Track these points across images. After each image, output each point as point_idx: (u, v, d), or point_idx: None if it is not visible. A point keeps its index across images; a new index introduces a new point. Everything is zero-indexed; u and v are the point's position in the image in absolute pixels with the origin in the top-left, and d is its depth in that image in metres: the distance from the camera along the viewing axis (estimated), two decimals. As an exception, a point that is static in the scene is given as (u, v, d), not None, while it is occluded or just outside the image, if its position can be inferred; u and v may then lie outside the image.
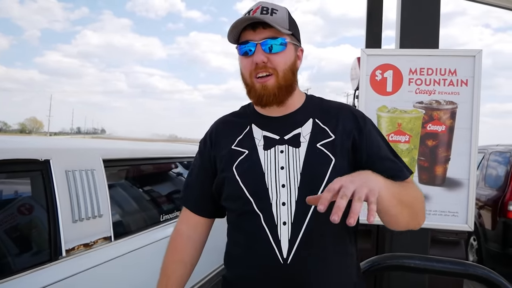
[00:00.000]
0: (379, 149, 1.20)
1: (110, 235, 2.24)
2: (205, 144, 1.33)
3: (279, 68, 1.17)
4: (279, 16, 1.17)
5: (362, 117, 1.24)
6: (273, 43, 1.15)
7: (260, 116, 1.26)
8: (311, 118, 1.22)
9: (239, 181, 1.18)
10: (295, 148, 1.16)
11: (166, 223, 2.86)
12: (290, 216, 1.12)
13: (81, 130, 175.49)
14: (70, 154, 2.15)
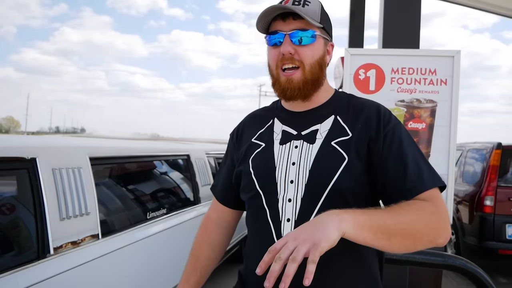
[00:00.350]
0: (394, 156, 1.08)
1: (98, 232, 2.25)
2: (232, 136, 1.33)
3: (306, 61, 1.12)
4: (311, 8, 1.13)
5: (387, 118, 1.14)
6: (302, 35, 1.11)
7: (284, 110, 1.24)
8: (333, 115, 1.17)
9: (252, 173, 1.16)
10: (310, 144, 1.12)
11: (153, 220, 2.88)
12: (295, 213, 1.08)
13: (60, 129, 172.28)
14: (57, 152, 2.15)
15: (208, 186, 4.03)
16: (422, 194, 1.03)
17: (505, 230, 4.64)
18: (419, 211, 0.99)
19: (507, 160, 4.96)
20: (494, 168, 4.88)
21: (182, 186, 3.69)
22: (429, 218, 1.00)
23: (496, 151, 4.94)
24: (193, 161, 3.85)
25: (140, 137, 79.27)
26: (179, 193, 3.63)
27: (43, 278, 1.83)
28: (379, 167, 1.08)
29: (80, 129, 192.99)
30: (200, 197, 3.76)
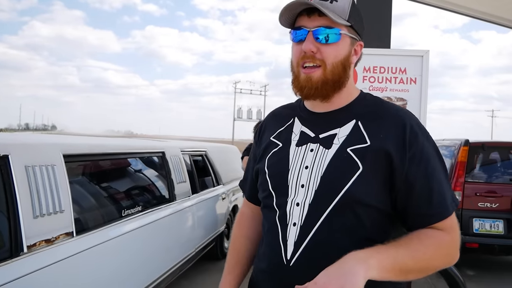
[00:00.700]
0: (421, 179, 1.02)
1: (72, 230, 2.23)
2: (255, 135, 1.32)
3: (328, 60, 1.06)
4: (340, 4, 1.06)
5: (414, 134, 1.04)
6: (327, 33, 1.05)
7: (305, 110, 1.18)
8: (354, 120, 1.09)
9: (266, 173, 1.14)
10: (325, 149, 1.07)
11: (128, 218, 2.86)
12: (301, 218, 1.05)
13: (29, 126, 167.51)
14: (30, 149, 2.12)
15: (183, 183, 4.03)
16: (443, 221, 1.02)
17: (472, 224, 4.81)
18: (437, 248, 0.99)
19: (474, 157, 5.14)
20: (461, 164, 5.05)
21: (157, 184, 3.68)
22: (445, 253, 1.01)
23: (463, 148, 5.12)
24: (168, 158, 3.84)
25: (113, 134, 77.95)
26: (154, 190, 3.62)
27: (17, 277, 1.81)
28: (402, 187, 1.02)
29: (51, 126, 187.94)
30: (175, 194, 3.76)
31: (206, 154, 5.31)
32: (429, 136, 1.08)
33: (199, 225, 4.28)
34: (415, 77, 2.90)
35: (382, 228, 1.05)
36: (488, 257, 5.65)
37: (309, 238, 1.03)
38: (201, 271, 4.78)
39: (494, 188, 4.91)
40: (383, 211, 1.04)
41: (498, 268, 5.55)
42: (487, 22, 9.87)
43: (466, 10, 8.87)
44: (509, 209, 4.78)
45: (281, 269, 1.06)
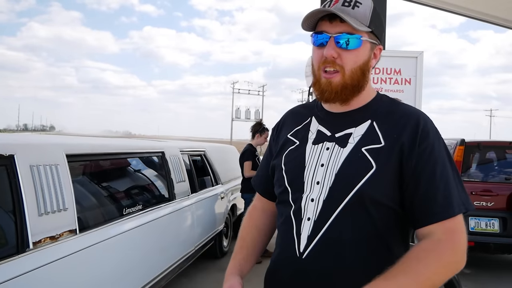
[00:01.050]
0: (427, 177, 1.05)
1: (75, 228, 2.29)
2: (273, 132, 1.34)
3: (347, 66, 1.09)
4: (361, 10, 1.09)
5: (425, 133, 1.07)
6: (348, 39, 1.08)
7: (322, 109, 1.22)
8: (369, 120, 1.13)
9: (283, 169, 1.18)
10: (340, 148, 1.11)
11: (129, 216, 2.92)
12: (315, 214, 1.09)
13: (28, 127, 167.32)
14: (34, 149, 2.18)
15: (183, 183, 4.09)
16: (446, 221, 1.01)
17: (468, 222, 4.89)
18: (438, 261, 0.98)
19: (469, 156, 5.21)
20: (457, 163, 5.12)
21: (157, 183, 3.74)
22: (448, 262, 0.99)
23: (459, 147, 5.19)
24: (168, 158, 3.90)
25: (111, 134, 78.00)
26: (154, 189, 3.68)
27: (23, 272, 1.87)
28: (410, 184, 1.05)
29: (49, 126, 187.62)
30: (175, 194, 3.82)
31: (205, 154, 5.37)
32: (441, 137, 1.10)
33: (198, 224, 4.34)
34: (410, 77, 2.97)
35: (390, 225, 1.08)
36: (485, 255, 5.71)
37: (322, 232, 1.07)
38: (201, 269, 4.84)
39: (490, 187, 4.98)
40: (392, 209, 1.07)
41: (494, 266, 5.62)
42: (483, 22, 9.96)
43: (462, 10, 8.95)
44: (505, 208, 4.85)
45: (294, 261, 1.10)
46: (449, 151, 1.10)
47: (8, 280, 1.79)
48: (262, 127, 5.46)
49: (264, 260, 5.07)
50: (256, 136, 5.42)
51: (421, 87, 3.00)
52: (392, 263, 1.02)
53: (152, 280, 3.12)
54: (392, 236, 1.08)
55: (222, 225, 5.27)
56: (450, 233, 1.01)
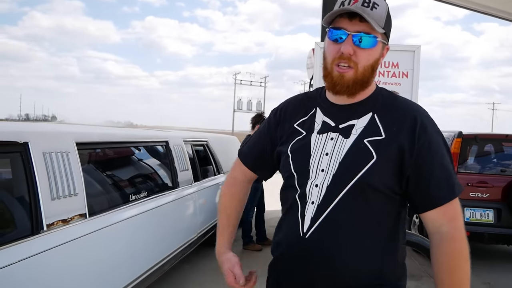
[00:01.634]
0: (428, 167, 1.16)
1: (85, 212, 2.41)
2: (274, 116, 1.40)
3: (361, 64, 1.17)
4: (379, 12, 1.15)
5: (424, 127, 1.17)
6: (365, 38, 1.15)
7: (327, 101, 1.29)
8: (371, 112, 1.22)
9: (290, 156, 1.27)
10: (344, 138, 1.20)
11: (135, 202, 3.05)
12: (319, 198, 1.18)
13: (29, 117, 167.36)
14: (47, 137, 2.30)
15: (186, 171, 4.21)
16: (448, 206, 1.15)
17: (464, 213, 5.00)
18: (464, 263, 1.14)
19: (466, 148, 5.31)
20: (454, 155, 5.22)
21: (161, 171, 3.86)
22: (467, 256, 1.15)
23: (457, 140, 5.28)
24: (172, 148, 4.02)
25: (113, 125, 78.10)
26: (159, 177, 3.80)
27: (38, 252, 1.99)
28: (412, 174, 1.16)
29: (51, 116, 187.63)
30: (178, 182, 3.94)
31: (207, 144, 5.48)
32: (438, 129, 1.21)
33: (200, 211, 4.47)
34: (407, 71, 3.07)
35: (386, 209, 1.19)
36: (479, 245, 5.84)
37: (324, 215, 1.17)
38: (203, 256, 4.98)
39: (485, 178, 5.09)
40: (389, 195, 1.17)
41: (488, 256, 5.75)
42: (486, 15, 9.99)
43: (465, 3, 8.99)
44: (499, 199, 4.97)
45: (297, 240, 1.20)
46: (446, 141, 1.21)
47: (24, 259, 1.92)
48: (263, 119, 5.56)
49: (264, 248, 5.22)
50: (256, 127, 5.52)
51: (418, 80, 3.10)
52: (384, 243, 1.19)
53: (157, 264, 3.25)
54: (387, 219, 1.20)
55: (223, 213, 5.39)
56: (453, 220, 1.15)
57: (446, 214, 1.16)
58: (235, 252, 1.39)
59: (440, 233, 1.16)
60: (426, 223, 1.20)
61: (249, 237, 5.37)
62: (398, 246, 1.24)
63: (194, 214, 4.29)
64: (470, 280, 1.14)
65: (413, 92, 3.07)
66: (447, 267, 1.14)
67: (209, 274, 4.43)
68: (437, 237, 1.17)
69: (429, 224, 1.19)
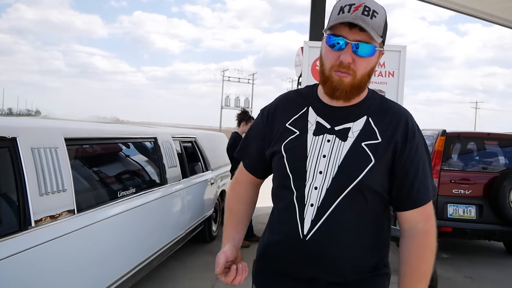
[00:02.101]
0: (413, 170, 1.23)
1: (73, 208, 2.41)
2: (263, 113, 1.40)
3: (359, 71, 1.19)
4: (378, 20, 1.17)
5: (413, 132, 1.25)
6: (364, 48, 1.17)
7: (319, 101, 1.30)
8: (365, 116, 1.26)
9: (284, 157, 1.27)
10: (341, 141, 1.23)
11: (123, 198, 3.05)
12: (318, 200, 1.21)
13: (12, 111, 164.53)
14: (35, 132, 2.29)
15: (174, 168, 4.21)
16: (425, 206, 1.24)
17: (447, 209, 5.10)
18: (432, 254, 1.24)
19: (450, 146, 5.41)
20: (438, 153, 5.32)
21: (150, 167, 3.86)
22: (433, 246, 1.24)
23: (440, 138, 5.38)
24: (160, 144, 4.02)
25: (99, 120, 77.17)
26: (147, 173, 3.80)
27: (26, 248, 1.99)
28: (398, 176, 1.23)
29: (34, 111, 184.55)
30: (167, 178, 3.95)
31: (196, 140, 5.49)
32: (422, 134, 1.29)
33: (188, 208, 4.48)
34: (393, 70, 3.12)
35: (381, 209, 1.26)
36: (462, 240, 5.97)
37: (325, 217, 1.20)
38: (190, 253, 5.00)
39: (468, 176, 5.19)
40: (383, 195, 1.24)
41: (470, 251, 5.89)
42: (470, 17, 10.14)
43: (450, 4, 9.12)
44: (481, 196, 5.08)
45: (297, 242, 1.22)
46: (427, 145, 1.30)
47: (12, 255, 1.91)
48: (248, 116, 5.59)
49: (252, 244, 5.26)
50: (242, 124, 5.55)
51: (404, 79, 3.15)
52: (379, 238, 1.26)
53: (145, 260, 3.26)
54: (382, 218, 1.27)
55: (211, 210, 5.42)
56: (428, 219, 1.25)
57: (423, 214, 1.25)
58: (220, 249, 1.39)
59: (415, 229, 1.24)
60: (402, 220, 1.27)
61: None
62: (388, 238, 1.31)
63: (182, 210, 4.30)
64: None
65: (398, 91, 3.13)
66: (418, 255, 1.23)
67: (197, 270, 4.46)
68: (412, 232, 1.25)
69: (405, 221, 1.26)
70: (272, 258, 1.32)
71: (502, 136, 5.62)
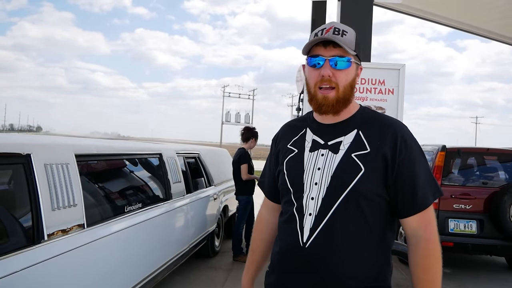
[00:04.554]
0: (409, 176, 1.29)
1: (83, 222, 2.48)
2: (273, 143, 1.56)
3: (341, 83, 1.31)
4: (348, 38, 1.31)
5: (404, 141, 1.30)
6: (340, 61, 1.30)
7: (315, 122, 1.43)
8: (356, 129, 1.35)
9: (285, 174, 1.40)
10: (334, 154, 1.33)
11: (130, 214, 3.11)
12: (316, 210, 1.30)
13: (14, 127, 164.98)
14: (48, 149, 2.37)
15: (179, 183, 4.28)
16: (425, 212, 1.29)
17: (448, 224, 5.13)
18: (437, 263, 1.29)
19: (450, 161, 5.48)
20: (438, 168, 5.38)
21: (155, 183, 3.92)
22: (440, 257, 1.30)
23: (440, 153, 5.45)
24: (165, 160, 4.09)
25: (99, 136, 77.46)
26: (153, 189, 3.87)
27: (39, 261, 2.05)
28: (394, 183, 1.29)
29: (36, 127, 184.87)
30: (171, 194, 4.01)
31: (199, 156, 5.56)
32: (416, 141, 1.36)
33: (192, 223, 4.53)
34: (393, 88, 3.22)
35: (378, 215, 1.31)
36: (463, 255, 5.98)
37: (322, 224, 1.29)
38: (193, 268, 5.02)
39: (468, 191, 5.25)
40: (378, 202, 1.30)
41: (472, 266, 5.90)
42: (468, 33, 10.30)
43: (448, 21, 9.27)
44: (482, 211, 5.12)
45: (298, 250, 1.31)
46: (422, 151, 1.35)
47: (26, 268, 1.98)
48: (254, 132, 5.70)
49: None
50: (251, 140, 5.65)
51: (403, 96, 3.24)
52: (376, 245, 1.30)
53: (150, 275, 3.31)
54: (379, 225, 1.32)
55: (214, 225, 5.47)
56: (428, 225, 1.30)
57: (423, 220, 1.30)
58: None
59: (416, 237, 1.30)
60: (404, 227, 1.34)
61: (239, 249, 5.44)
62: (388, 248, 1.36)
63: (186, 225, 4.35)
64: (441, 278, 1.31)
65: (398, 108, 3.21)
66: (422, 266, 1.29)
67: (200, 286, 4.49)
68: (413, 240, 1.31)
69: (407, 228, 1.33)
70: (278, 268, 1.40)
71: (502, 151, 5.68)
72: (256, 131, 5.74)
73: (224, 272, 4.97)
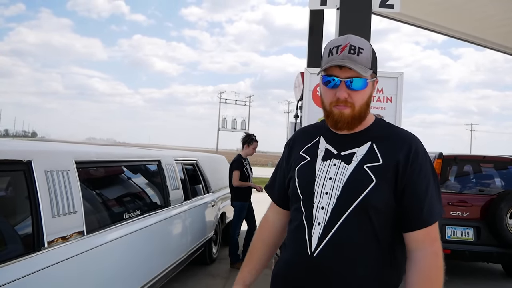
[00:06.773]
0: (417, 191, 1.28)
1: (83, 229, 2.47)
2: (286, 148, 1.54)
3: (357, 104, 1.30)
4: (364, 55, 1.28)
5: (416, 153, 1.30)
6: (356, 82, 1.27)
7: (329, 131, 1.41)
8: (370, 142, 1.34)
9: (296, 181, 1.39)
10: (346, 165, 1.32)
11: (129, 221, 3.11)
12: (325, 219, 1.29)
13: (9, 133, 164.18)
14: (48, 156, 2.37)
15: (177, 190, 4.28)
16: (429, 228, 1.28)
17: (445, 231, 5.15)
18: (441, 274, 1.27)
19: (447, 169, 5.51)
20: (435, 175, 5.41)
21: (154, 190, 3.92)
22: (441, 268, 1.28)
23: (437, 161, 5.48)
24: (164, 166, 4.09)
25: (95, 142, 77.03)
26: (152, 196, 3.87)
27: (40, 268, 2.05)
28: (402, 197, 1.28)
29: (31, 132, 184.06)
30: (170, 200, 4.01)
31: (197, 163, 5.57)
32: (428, 157, 1.35)
33: (190, 230, 4.53)
34: (391, 96, 3.25)
35: (387, 227, 1.30)
36: (460, 263, 6.00)
37: (330, 234, 1.28)
38: (191, 275, 5.01)
39: (465, 198, 5.27)
40: (388, 213, 1.29)
41: (469, 273, 5.91)
42: (463, 41, 10.40)
43: (443, 29, 9.36)
44: (479, 218, 5.14)
45: (306, 259, 1.30)
46: (434, 168, 1.35)
47: (27, 275, 1.97)
48: (250, 138, 5.69)
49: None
50: (245, 146, 5.64)
51: (401, 104, 3.27)
52: (384, 256, 1.29)
53: (149, 282, 3.30)
54: (389, 237, 1.30)
55: (212, 232, 5.46)
56: (434, 242, 1.29)
57: (429, 235, 1.29)
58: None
59: (422, 250, 1.28)
60: (407, 241, 1.31)
61: (236, 256, 5.42)
62: (397, 259, 1.34)
63: (184, 232, 4.35)
64: None
65: (396, 115, 3.24)
66: (429, 277, 1.27)
67: (198, 292, 4.47)
68: (418, 254, 1.28)
69: (411, 242, 1.30)
70: (285, 276, 1.39)
71: (498, 159, 5.72)
72: (253, 137, 5.73)
73: (222, 280, 4.96)
